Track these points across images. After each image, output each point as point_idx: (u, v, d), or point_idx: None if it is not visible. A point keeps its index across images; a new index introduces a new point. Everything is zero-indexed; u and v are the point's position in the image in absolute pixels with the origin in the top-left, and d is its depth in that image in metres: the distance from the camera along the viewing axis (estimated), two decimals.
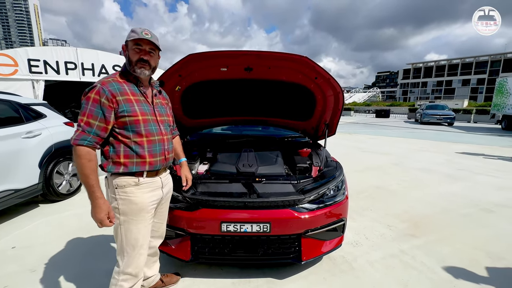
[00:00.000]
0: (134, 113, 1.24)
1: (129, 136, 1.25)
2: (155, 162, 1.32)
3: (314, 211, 1.82)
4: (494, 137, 10.42)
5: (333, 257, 2.22)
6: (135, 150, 1.26)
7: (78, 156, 1.17)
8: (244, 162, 2.21)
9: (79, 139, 1.17)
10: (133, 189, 1.29)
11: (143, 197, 1.31)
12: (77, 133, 1.18)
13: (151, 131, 1.30)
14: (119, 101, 1.21)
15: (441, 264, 2.14)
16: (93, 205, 1.20)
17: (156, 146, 1.32)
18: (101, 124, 1.20)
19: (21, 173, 2.82)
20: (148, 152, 1.29)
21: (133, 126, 1.25)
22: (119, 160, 1.25)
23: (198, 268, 2.03)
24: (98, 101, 1.18)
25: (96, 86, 1.19)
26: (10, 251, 2.28)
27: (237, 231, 1.72)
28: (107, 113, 1.20)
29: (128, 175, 1.28)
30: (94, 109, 1.18)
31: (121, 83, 1.26)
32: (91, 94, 1.18)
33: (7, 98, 3.02)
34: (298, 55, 1.90)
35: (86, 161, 1.17)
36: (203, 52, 1.86)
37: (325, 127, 2.53)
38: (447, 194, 3.76)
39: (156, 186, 1.38)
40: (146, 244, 1.38)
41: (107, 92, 1.19)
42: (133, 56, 1.25)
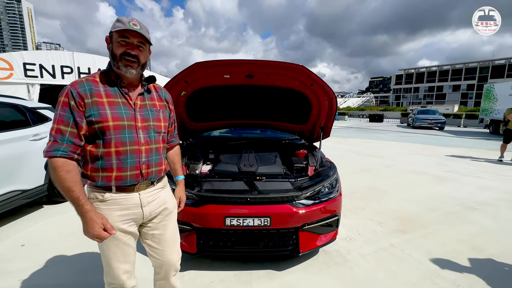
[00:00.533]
0: (103, 117, 1.04)
1: (99, 145, 1.06)
2: (124, 177, 1.10)
3: (310, 206, 1.98)
4: (482, 141, 10.81)
5: (328, 251, 2.37)
6: (101, 162, 1.07)
7: (54, 169, 0.99)
8: (245, 162, 2.36)
9: (51, 150, 0.99)
10: (100, 204, 1.10)
11: (109, 216, 1.09)
12: (49, 144, 1.00)
13: (124, 139, 1.08)
14: (87, 104, 1.03)
15: (428, 256, 2.31)
16: (84, 220, 1.02)
17: (127, 158, 1.09)
18: (73, 131, 1.02)
19: (28, 175, 2.92)
20: (116, 165, 1.08)
21: (102, 133, 1.05)
22: (86, 172, 1.09)
23: (202, 262, 2.16)
24: (67, 104, 1.01)
25: (66, 88, 1.03)
26: (20, 249, 2.37)
27: (240, 225, 1.87)
28: (78, 117, 1.02)
29: (95, 188, 1.11)
30: (64, 114, 1.01)
31: (96, 83, 1.08)
32: (61, 98, 1.02)
33: (15, 102, 3.13)
34: (295, 64, 2.08)
35: (64, 173, 0.99)
36: (208, 61, 2.03)
37: (320, 130, 2.71)
38: (435, 194, 3.97)
39: (132, 203, 1.14)
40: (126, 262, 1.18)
41: (74, 94, 1.01)
42: (117, 50, 1.05)
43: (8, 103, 3.04)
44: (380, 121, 25.43)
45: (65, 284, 1.90)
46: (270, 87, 2.48)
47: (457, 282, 1.97)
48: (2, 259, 2.21)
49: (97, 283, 1.89)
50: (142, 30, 1.06)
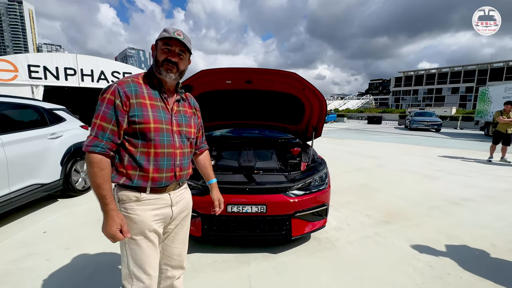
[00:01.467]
0: (146, 119, 1.10)
1: (137, 145, 1.11)
2: (160, 179, 1.15)
3: (302, 196, 2.26)
4: (475, 142, 11.10)
5: (318, 238, 2.65)
6: (139, 162, 1.11)
7: (90, 164, 1.05)
8: (244, 158, 2.64)
9: (91, 145, 1.05)
10: (134, 205, 1.14)
11: (144, 216, 1.14)
12: (89, 139, 1.06)
13: (162, 142, 1.14)
14: (132, 104, 1.08)
15: (408, 243, 2.59)
16: (105, 217, 1.06)
17: (164, 160, 1.15)
18: (114, 128, 1.07)
19: (46, 170, 3.20)
20: (153, 166, 1.13)
21: (143, 134, 1.10)
22: (122, 170, 1.12)
23: (206, 245, 2.44)
24: (113, 102, 1.06)
25: (113, 86, 1.08)
26: (43, 235, 2.65)
27: (240, 212, 2.15)
28: (121, 116, 1.07)
29: (129, 188, 1.14)
30: (108, 111, 1.06)
31: (141, 85, 1.13)
32: (107, 95, 1.07)
33: (34, 103, 3.42)
34: (288, 71, 2.38)
35: (99, 170, 1.04)
36: (212, 69, 2.32)
37: (312, 130, 2.99)
38: (422, 191, 4.25)
39: (163, 204, 1.20)
40: (156, 267, 1.21)
41: (121, 93, 1.07)
42: (160, 56, 1.13)
43: (28, 105, 3.33)
44: (379, 123, 25.75)
45: (85, 263, 2.17)
46: (267, 91, 2.76)
47: (431, 263, 2.24)
48: (28, 243, 2.49)
49: (112, 263, 2.17)
50: (184, 40, 1.13)
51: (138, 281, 1.15)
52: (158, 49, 1.15)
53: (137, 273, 1.15)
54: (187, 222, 1.37)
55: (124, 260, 1.16)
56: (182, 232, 1.35)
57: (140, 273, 1.15)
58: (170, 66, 1.14)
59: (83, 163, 3.88)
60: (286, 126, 3.29)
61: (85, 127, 4.11)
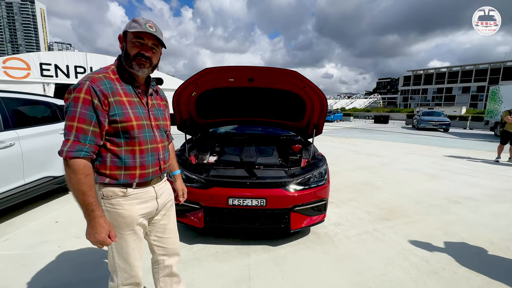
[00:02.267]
0: (128, 117, 1.06)
1: (120, 144, 1.07)
2: (147, 174, 1.15)
3: (301, 191, 2.34)
4: (484, 143, 10.91)
5: (317, 233, 2.72)
6: (124, 161, 1.08)
7: (74, 171, 0.96)
8: (246, 154, 2.73)
9: (74, 151, 0.96)
10: (121, 200, 1.11)
11: (131, 210, 1.14)
12: (69, 143, 0.97)
13: (145, 138, 1.12)
14: (111, 103, 1.02)
15: (405, 239, 2.63)
16: (91, 225, 1.02)
17: (149, 156, 1.14)
18: (96, 130, 1.01)
19: (57, 163, 3.35)
20: (139, 163, 1.11)
21: (125, 132, 1.07)
22: (104, 171, 1.08)
23: (208, 237, 2.54)
24: (90, 102, 0.98)
25: (84, 84, 0.98)
26: (55, 225, 2.80)
27: (241, 205, 2.24)
28: (102, 116, 1.01)
29: (114, 185, 1.10)
30: (86, 112, 0.98)
31: (113, 81, 1.07)
32: (80, 94, 0.97)
33: (47, 100, 3.58)
34: (289, 70, 2.44)
35: (83, 176, 0.98)
36: (216, 67, 2.41)
37: (313, 127, 3.05)
38: (424, 190, 4.26)
39: (149, 196, 1.20)
40: (141, 259, 1.23)
41: (98, 92, 0.99)
42: (131, 50, 1.07)
43: (41, 101, 3.50)
44: (385, 123, 25.44)
45: (94, 249, 2.30)
46: (269, 89, 2.84)
47: (426, 258, 2.29)
48: (41, 231, 2.64)
49: None
50: (157, 33, 1.08)
51: (123, 272, 1.18)
52: (128, 42, 1.08)
53: (123, 265, 1.18)
54: (172, 212, 1.40)
55: (109, 254, 1.18)
56: (170, 222, 1.38)
57: (125, 265, 1.18)
58: (143, 60, 1.09)
59: None
60: (287, 123, 3.36)
61: None
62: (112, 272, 1.20)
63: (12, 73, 14.58)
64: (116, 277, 1.19)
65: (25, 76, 14.80)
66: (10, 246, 2.37)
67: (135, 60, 1.08)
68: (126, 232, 1.14)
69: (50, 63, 15.25)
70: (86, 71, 16.04)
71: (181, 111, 2.89)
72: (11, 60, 14.29)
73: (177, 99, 2.73)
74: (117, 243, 1.14)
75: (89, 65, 16.17)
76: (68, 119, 0.98)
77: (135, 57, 1.08)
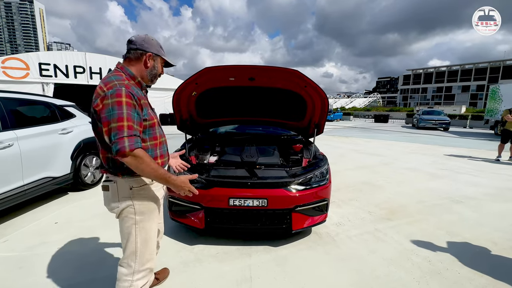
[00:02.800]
0: (151, 116, 1.29)
1: (146, 140, 1.28)
2: (164, 163, 1.40)
3: (302, 191, 2.32)
4: (484, 142, 10.90)
5: (319, 233, 2.70)
6: (152, 153, 1.30)
7: (141, 157, 1.14)
8: (247, 154, 2.71)
9: (133, 143, 1.13)
10: (150, 187, 1.34)
11: (156, 194, 1.38)
12: (126, 140, 1.11)
13: (159, 133, 1.36)
14: (141, 105, 1.23)
15: (408, 239, 2.61)
16: (175, 184, 1.25)
17: (164, 148, 1.40)
18: (139, 128, 1.19)
19: (57, 164, 3.33)
20: (159, 154, 1.35)
21: (150, 129, 1.29)
22: None
23: (209, 238, 2.52)
24: (132, 104, 1.16)
25: (122, 89, 1.15)
26: (54, 225, 2.78)
27: (242, 205, 2.22)
28: (141, 116, 1.22)
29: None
30: (131, 113, 1.15)
31: (136, 86, 1.28)
32: (123, 98, 1.14)
33: (46, 99, 3.55)
34: (291, 69, 2.42)
35: (148, 158, 1.17)
36: (216, 66, 2.38)
37: (314, 127, 3.03)
38: (425, 189, 4.24)
39: (161, 185, 1.43)
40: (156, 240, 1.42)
41: (135, 96, 1.18)
42: (161, 70, 1.40)
43: (40, 101, 3.47)
44: (385, 122, 25.43)
45: (94, 250, 2.28)
46: (270, 88, 2.82)
47: (429, 259, 2.27)
48: (41, 233, 2.62)
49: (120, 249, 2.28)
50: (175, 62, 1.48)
51: (142, 257, 1.33)
52: (157, 64, 1.37)
53: (143, 250, 1.33)
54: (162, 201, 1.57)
55: (130, 238, 1.31)
56: (161, 208, 1.55)
57: (145, 249, 1.34)
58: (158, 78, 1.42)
59: (92, 158, 4.01)
60: (288, 123, 3.34)
61: None
62: (130, 259, 1.33)
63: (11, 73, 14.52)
64: (134, 263, 1.32)
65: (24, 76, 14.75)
66: (9, 248, 2.35)
67: (156, 78, 1.40)
68: (154, 214, 1.37)
69: (49, 63, 15.19)
70: (85, 71, 16.00)
71: (181, 111, 2.87)
72: (10, 60, 14.25)
73: (177, 99, 2.71)
74: (143, 227, 1.32)
75: (88, 65, 16.10)
76: (116, 120, 1.12)
77: (159, 75, 1.40)
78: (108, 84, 1.17)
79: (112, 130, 1.12)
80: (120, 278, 1.33)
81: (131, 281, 1.32)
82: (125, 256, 1.33)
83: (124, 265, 1.33)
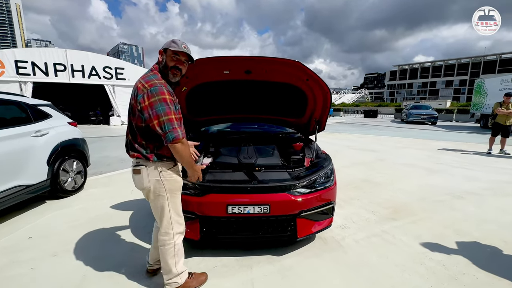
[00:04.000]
0: (179, 111, 1.49)
1: None
2: None
3: (307, 194, 2.11)
4: (472, 135, 11.12)
5: (324, 238, 2.51)
6: None
7: (186, 145, 1.45)
8: (244, 155, 2.47)
9: (183, 132, 1.43)
10: (173, 170, 1.59)
11: (179, 177, 1.64)
12: (179, 129, 1.40)
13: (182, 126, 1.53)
14: (174, 101, 1.46)
15: (417, 241, 2.47)
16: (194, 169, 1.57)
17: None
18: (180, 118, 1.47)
19: (31, 170, 2.98)
20: None
21: (179, 122, 1.45)
22: (162, 152, 1.51)
23: (205, 249, 2.27)
24: (172, 100, 1.41)
25: (162, 88, 1.39)
26: (28, 241, 2.45)
27: (241, 213, 1.99)
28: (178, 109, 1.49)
29: (170, 160, 1.56)
30: (172, 107, 1.40)
31: (166, 85, 1.46)
32: (165, 96, 1.38)
33: (16, 99, 3.17)
34: (291, 60, 2.19)
35: (189, 147, 1.50)
36: (208, 57, 2.12)
37: (315, 123, 2.83)
38: (425, 185, 4.15)
39: (180, 170, 1.69)
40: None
41: (171, 93, 1.44)
42: (169, 63, 1.50)
43: (9, 100, 3.09)
44: (375, 117, 25.78)
45: (73, 270, 1.99)
46: (268, 82, 2.58)
47: (443, 263, 2.12)
48: (12, 250, 2.29)
49: (103, 271, 2.00)
50: (189, 51, 1.52)
51: (176, 223, 1.64)
52: (167, 56, 1.50)
53: (176, 218, 1.64)
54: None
55: (165, 212, 1.59)
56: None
57: (178, 217, 1.66)
58: (176, 71, 1.52)
59: (73, 162, 3.67)
60: (287, 120, 3.12)
61: (73, 123, 3.88)
62: (167, 228, 1.62)
63: None
64: (172, 229, 1.63)
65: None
66: None
67: (171, 70, 1.51)
68: (178, 193, 1.66)
69: (27, 60, 14.26)
70: (66, 69, 15.14)
71: None
72: None
73: None
74: (174, 202, 1.63)
75: (69, 62, 15.24)
76: (165, 114, 1.38)
77: (171, 68, 1.50)
78: (149, 82, 1.40)
79: (165, 122, 1.37)
80: (164, 243, 1.63)
81: (173, 242, 1.63)
82: (163, 227, 1.62)
83: (163, 234, 1.62)
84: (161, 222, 1.61)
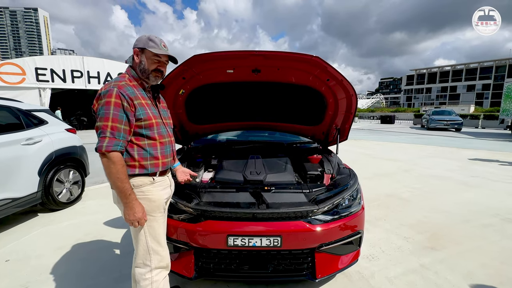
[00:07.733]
0: (148, 116, 1.27)
1: (144, 139, 1.28)
2: (167, 163, 1.39)
3: (329, 223, 1.66)
4: (505, 143, 10.13)
5: (348, 273, 2.04)
6: (150, 152, 1.29)
7: (114, 162, 1.16)
8: (251, 170, 2.07)
9: (112, 145, 1.16)
10: (150, 187, 1.31)
11: (159, 194, 1.35)
12: (107, 140, 1.16)
13: (162, 133, 1.35)
14: (136, 105, 1.23)
15: (468, 282, 1.94)
16: (129, 206, 1.21)
17: (167, 148, 1.37)
18: (126, 128, 1.21)
19: (19, 181, 2.72)
20: (161, 154, 1.33)
21: (147, 129, 1.27)
22: (134, 163, 1.26)
23: (203, 284, 1.87)
24: (120, 105, 1.18)
25: (113, 90, 1.18)
26: (3, 265, 2.15)
27: (245, 246, 1.57)
28: (131, 116, 1.21)
29: (143, 175, 1.30)
30: (118, 113, 1.18)
31: (134, 87, 1.27)
32: (111, 99, 1.17)
33: (7, 104, 2.95)
34: (309, 55, 1.78)
35: (121, 166, 1.18)
36: (208, 53, 1.76)
37: (336, 132, 2.39)
38: (463, 203, 3.56)
39: (166, 184, 1.43)
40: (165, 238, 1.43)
41: (125, 96, 1.20)
42: (150, 66, 1.29)
43: (1, 105, 2.87)
44: (392, 123, 24.66)
45: None
46: (280, 84, 2.18)
47: None
48: None
49: None
50: (170, 52, 1.33)
51: (155, 254, 1.34)
52: (147, 59, 1.29)
53: (155, 247, 1.34)
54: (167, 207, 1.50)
55: (141, 240, 1.31)
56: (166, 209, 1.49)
57: (157, 246, 1.35)
58: (158, 73, 1.33)
59: (68, 172, 3.40)
60: (303, 128, 2.69)
61: (71, 130, 3.64)
62: (145, 258, 1.33)
63: (7, 79, 14.09)
64: (150, 261, 1.33)
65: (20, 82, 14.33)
66: None
67: (152, 74, 1.31)
68: (157, 214, 1.35)
69: (46, 67, 14.77)
70: (83, 75, 15.59)
71: None
72: (5, 65, 13.83)
73: None
74: (150, 226, 1.32)
75: (86, 69, 15.67)
76: (102, 120, 1.17)
77: (152, 71, 1.31)
78: (106, 85, 1.22)
79: (99, 128, 1.18)
80: (139, 278, 1.33)
81: (150, 279, 1.33)
82: (139, 257, 1.33)
83: (140, 265, 1.34)
84: (137, 251, 1.34)
